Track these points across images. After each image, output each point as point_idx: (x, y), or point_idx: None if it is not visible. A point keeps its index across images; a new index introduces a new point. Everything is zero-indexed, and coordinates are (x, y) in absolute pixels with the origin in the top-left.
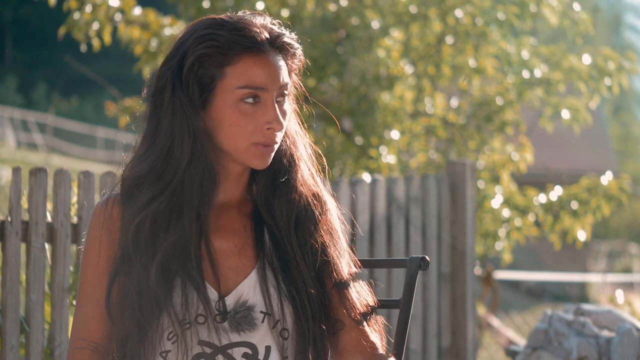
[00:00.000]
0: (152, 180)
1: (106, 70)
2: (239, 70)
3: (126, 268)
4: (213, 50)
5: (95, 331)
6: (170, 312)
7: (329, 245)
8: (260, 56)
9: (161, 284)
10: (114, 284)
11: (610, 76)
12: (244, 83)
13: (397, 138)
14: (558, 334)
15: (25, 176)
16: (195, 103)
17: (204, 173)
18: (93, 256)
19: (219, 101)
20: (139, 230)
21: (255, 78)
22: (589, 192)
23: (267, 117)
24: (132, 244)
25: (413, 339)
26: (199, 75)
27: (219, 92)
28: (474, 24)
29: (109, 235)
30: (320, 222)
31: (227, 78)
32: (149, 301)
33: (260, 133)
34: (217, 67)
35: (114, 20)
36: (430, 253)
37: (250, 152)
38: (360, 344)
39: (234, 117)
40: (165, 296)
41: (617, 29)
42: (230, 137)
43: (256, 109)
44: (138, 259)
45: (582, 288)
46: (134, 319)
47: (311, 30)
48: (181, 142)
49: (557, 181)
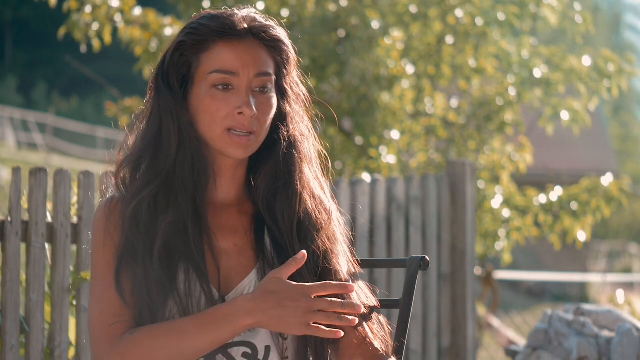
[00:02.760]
0: (145, 167)
1: (106, 70)
2: (212, 56)
3: (131, 254)
4: (190, 37)
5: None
6: (175, 298)
7: (331, 252)
8: (233, 42)
9: (165, 268)
10: (121, 270)
11: (610, 78)
12: (215, 67)
13: (397, 138)
14: (558, 334)
15: (25, 176)
16: (177, 94)
17: (194, 160)
18: (101, 254)
19: (196, 89)
20: (137, 214)
21: (227, 63)
22: (589, 193)
23: (237, 102)
24: (130, 228)
25: (413, 339)
26: (178, 65)
27: (196, 80)
28: (474, 24)
29: (114, 232)
30: (323, 229)
31: (202, 65)
32: (155, 286)
33: (231, 118)
34: (194, 54)
35: (114, 20)
36: (430, 253)
37: (224, 139)
38: (360, 346)
39: (206, 103)
40: (170, 282)
41: (617, 29)
42: (206, 124)
43: (229, 95)
44: (140, 244)
45: (582, 288)
46: (144, 304)
47: (311, 30)
48: (168, 132)
49: (557, 181)
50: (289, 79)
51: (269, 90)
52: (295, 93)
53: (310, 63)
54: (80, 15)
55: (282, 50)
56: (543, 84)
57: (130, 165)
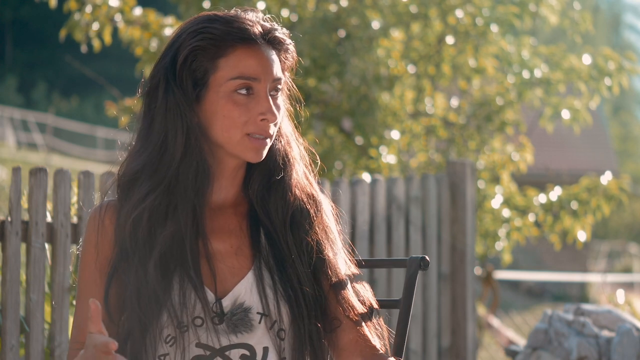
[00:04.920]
0: (147, 175)
1: (106, 70)
2: (232, 62)
3: (124, 266)
4: (206, 42)
5: None
6: (169, 310)
7: (324, 244)
8: (252, 48)
9: (160, 280)
10: (111, 283)
11: (610, 76)
12: (236, 74)
13: (397, 138)
14: (558, 334)
15: (25, 176)
16: (189, 97)
17: (198, 167)
18: (89, 262)
19: (212, 94)
20: (136, 225)
21: (248, 69)
22: (589, 192)
23: (260, 108)
24: (129, 239)
25: (413, 339)
26: (192, 69)
27: (212, 85)
28: (474, 24)
29: (103, 240)
30: (315, 221)
31: (220, 70)
32: (148, 298)
33: (254, 124)
34: (210, 59)
35: (114, 20)
36: (430, 253)
37: (244, 144)
38: (359, 344)
39: (227, 108)
40: (164, 293)
41: (617, 29)
42: (224, 129)
43: (249, 100)
44: (136, 255)
45: (582, 288)
46: (134, 317)
47: (311, 30)
48: (174, 137)
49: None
50: (287, 78)
51: (279, 93)
52: (288, 91)
53: (310, 63)
54: (80, 15)
55: (287, 51)
56: (543, 83)
57: (132, 172)
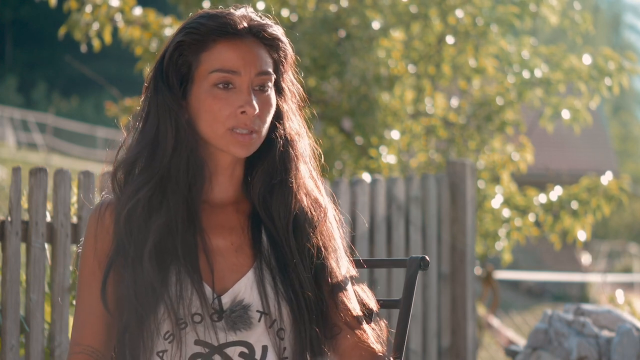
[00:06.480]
0: (140, 168)
1: (106, 70)
2: (214, 55)
3: (121, 259)
4: (190, 37)
5: (90, 336)
6: (166, 302)
7: (327, 250)
8: (234, 42)
9: (156, 272)
10: (108, 276)
11: (610, 76)
12: (217, 67)
13: (397, 138)
14: (558, 334)
15: (25, 176)
16: (176, 93)
17: (189, 161)
18: (89, 262)
19: (196, 89)
20: (131, 217)
21: (228, 62)
22: (589, 192)
23: (239, 101)
24: (124, 231)
25: (413, 339)
26: (178, 65)
27: (196, 79)
28: (474, 24)
29: (103, 235)
30: (318, 226)
31: (203, 64)
32: (145, 290)
33: (234, 118)
34: (193, 54)
35: (114, 20)
36: (430, 253)
37: (227, 138)
38: (359, 348)
39: (208, 102)
40: (161, 285)
41: (617, 29)
42: (208, 124)
43: (230, 94)
44: (131, 246)
45: (582, 288)
46: (131, 310)
47: (311, 30)
48: (165, 132)
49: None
50: (286, 77)
51: (268, 88)
52: (291, 91)
53: (310, 63)
54: (80, 15)
55: (280, 49)
56: (543, 83)
57: (126, 166)
